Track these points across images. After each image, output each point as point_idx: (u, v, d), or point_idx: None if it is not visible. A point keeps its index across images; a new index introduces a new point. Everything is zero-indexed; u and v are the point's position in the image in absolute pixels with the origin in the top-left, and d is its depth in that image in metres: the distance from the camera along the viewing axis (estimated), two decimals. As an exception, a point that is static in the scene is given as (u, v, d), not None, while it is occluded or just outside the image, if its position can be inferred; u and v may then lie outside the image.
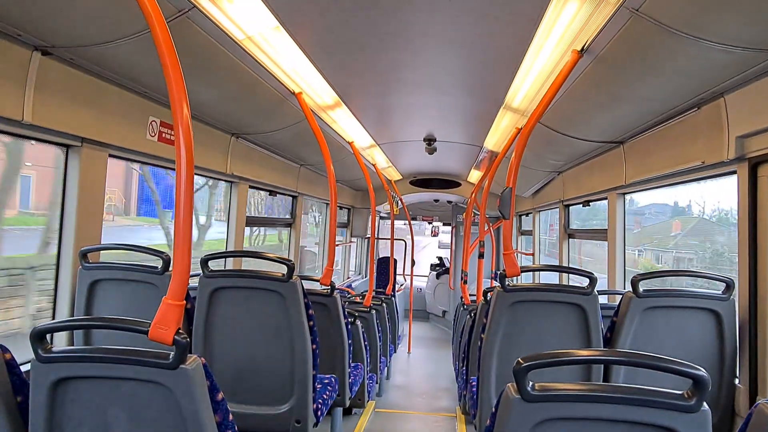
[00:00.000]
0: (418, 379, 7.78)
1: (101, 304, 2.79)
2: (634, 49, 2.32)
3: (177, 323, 1.56)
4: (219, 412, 1.61)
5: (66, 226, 2.78)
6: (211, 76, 2.99)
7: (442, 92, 4.02)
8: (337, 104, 4.12)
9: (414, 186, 9.30)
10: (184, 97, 1.67)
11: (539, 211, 7.28)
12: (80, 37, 2.30)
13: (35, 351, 1.49)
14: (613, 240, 4.32)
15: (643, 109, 3.07)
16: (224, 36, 2.54)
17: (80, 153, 2.76)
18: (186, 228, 1.66)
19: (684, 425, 1.30)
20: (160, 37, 1.65)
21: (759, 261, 2.46)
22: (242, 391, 2.77)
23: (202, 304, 2.72)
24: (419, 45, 2.96)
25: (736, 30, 1.98)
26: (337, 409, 3.92)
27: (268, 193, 5.61)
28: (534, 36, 2.60)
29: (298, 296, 2.68)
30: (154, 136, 3.22)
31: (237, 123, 4.01)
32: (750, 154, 2.50)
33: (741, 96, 2.48)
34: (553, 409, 1.34)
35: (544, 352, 1.37)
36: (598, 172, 4.54)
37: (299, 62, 3.10)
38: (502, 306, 2.72)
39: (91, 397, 1.55)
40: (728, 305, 2.67)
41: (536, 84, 3.28)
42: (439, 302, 12.15)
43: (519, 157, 2.93)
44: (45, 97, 2.42)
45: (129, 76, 2.82)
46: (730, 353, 2.66)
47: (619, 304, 2.80)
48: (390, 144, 6.18)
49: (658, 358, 1.33)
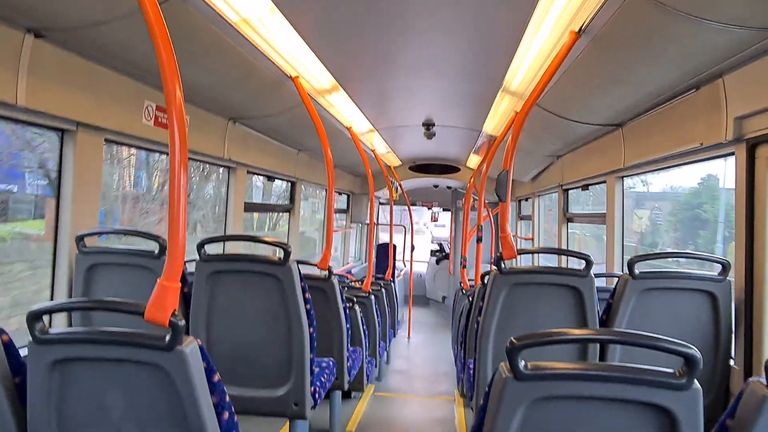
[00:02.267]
0: (418, 363, 7.85)
1: (99, 289, 2.80)
2: (632, 29, 2.30)
3: (173, 305, 1.56)
4: (216, 394, 1.62)
5: (62, 210, 2.78)
6: (206, 60, 2.96)
7: (440, 76, 3.99)
8: (335, 88, 4.10)
9: (413, 171, 9.27)
10: (177, 81, 1.65)
11: (539, 195, 7.28)
12: (73, 18, 2.27)
13: (32, 332, 1.50)
14: (612, 223, 4.32)
15: (641, 90, 3.05)
16: (219, 18, 2.51)
17: (75, 137, 2.75)
18: (180, 211, 1.66)
19: (675, 403, 1.31)
20: (152, 18, 1.63)
21: (756, 242, 2.46)
22: (240, 375, 2.79)
23: (200, 287, 2.73)
24: (417, 28, 2.93)
25: (736, 9, 1.95)
26: (335, 393, 3.96)
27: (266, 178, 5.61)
28: (531, 17, 2.57)
29: (294, 280, 2.68)
30: (150, 120, 3.21)
31: (234, 107, 3.99)
32: (748, 135, 2.48)
33: (740, 76, 2.46)
34: (546, 387, 1.35)
35: (537, 332, 1.38)
36: (596, 156, 4.53)
37: (295, 45, 3.07)
38: (499, 288, 2.73)
39: (87, 379, 1.56)
40: (724, 286, 2.68)
41: (534, 66, 3.26)
42: (439, 288, 12.20)
43: (515, 139, 2.92)
44: (39, 80, 2.40)
45: (124, 60, 2.80)
46: (726, 334, 2.68)
47: (615, 286, 2.81)
48: (389, 129, 6.16)
49: (649, 337, 1.33)
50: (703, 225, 5.05)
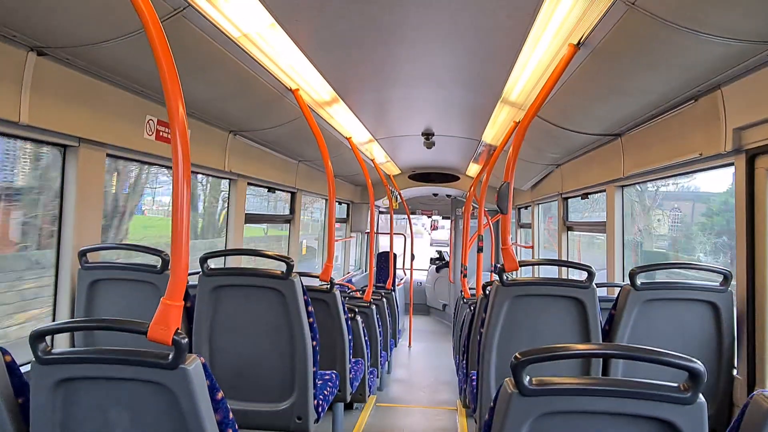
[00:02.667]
0: (419, 372, 7.81)
1: (101, 304, 2.80)
2: (630, 42, 2.32)
3: (176, 323, 1.56)
4: (219, 411, 1.62)
5: (65, 226, 2.78)
6: (207, 74, 2.98)
7: (439, 86, 4.01)
8: (335, 100, 4.12)
9: (413, 180, 9.29)
10: (179, 96, 1.66)
11: (538, 203, 7.29)
12: (75, 37, 2.29)
13: (35, 353, 1.50)
14: (612, 233, 4.32)
15: (640, 101, 3.06)
16: (220, 34, 2.53)
17: (78, 153, 2.76)
18: (184, 227, 1.67)
19: (680, 417, 1.31)
20: (154, 35, 1.64)
21: (756, 252, 2.47)
22: (243, 389, 2.78)
23: (202, 302, 2.73)
24: (416, 39, 2.95)
25: (733, 22, 1.97)
26: (338, 405, 3.94)
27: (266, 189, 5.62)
28: (531, 30, 2.59)
29: (297, 293, 2.68)
30: (152, 134, 3.22)
31: (234, 120, 4.01)
32: (747, 146, 2.50)
33: (738, 88, 2.48)
34: (551, 402, 1.35)
35: (541, 347, 1.38)
36: (596, 165, 4.54)
37: (296, 59, 3.09)
38: (501, 300, 2.73)
39: (91, 398, 1.55)
40: (726, 297, 2.68)
41: (533, 78, 3.28)
42: (440, 296, 12.17)
43: (516, 151, 2.93)
44: (41, 97, 2.42)
45: (125, 75, 2.82)
46: (728, 344, 2.68)
47: (618, 297, 2.81)
48: (388, 139, 6.18)
49: (654, 351, 1.34)
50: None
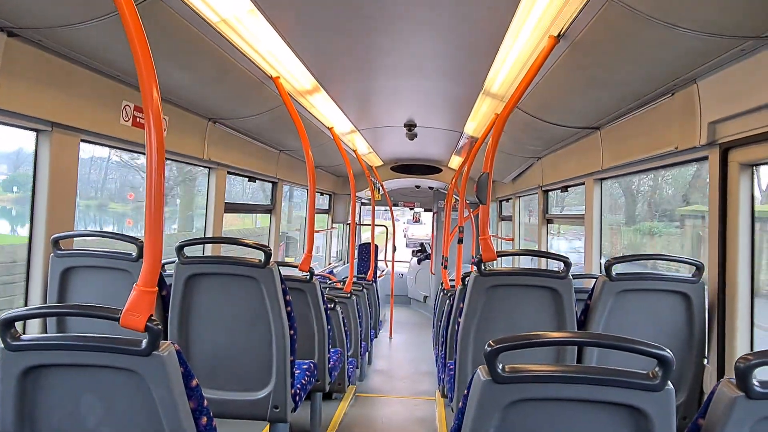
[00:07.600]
0: (400, 363, 7.86)
1: (75, 292, 2.75)
2: (609, 34, 2.34)
3: (149, 310, 1.55)
4: (193, 399, 1.61)
5: (37, 212, 2.72)
6: (185, 60, 2.93)
7: (422, 77, 4.00)
8: (316, 89, 4.08)
9: (395, 172, 9.29)
10: (153, 81, 1.64)
11: (519, 196, 7.34)
12: (47, 17, 2.23)
13: (3, 339, 1.47)
14: (590, 225, 4.38)
15: (618, 94, 3.10)
16: (198, 18, 2.48)
17: (51, 138, 2.69)
18: (157, 214, 1.64)
19: (649, 404, 1.34)
20: (128, 18, 1.61)
21: (728, 244, 2.52)
22: (220, 378, 2.76)
23: (178, 290, 2.70)
24: (398, 29, 2.94)
25: (709, 16, 2.00)
26: (316, 394, 3.95)
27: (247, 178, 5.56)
28: (511, 21, 2.60)
29: (275, 282, 2.67)
30: (129, 120, 3.16)
31: (213, 107, 3.95)
32: (721, 140, 2.54)
33: (713, 82, 2.52)
34: (523, 390, 1.37)
35: (515, 335, 1.40)
36: (575, 158, 4.59)
37: (276, 46, 3.05)
38: (479, 290, 2.75)
39: (62, 385, 1.53)
40: (698, 288, 2.74)
41: (514, 69, 3.29)
42: (421, 287, 12.24)
43: (496, 142, 2.95)
44: (12, 80, 2.35)
45: (101, 60, 2.75)
46: (699, 334, 2.74)
47: (593, 288, 2.85)
48: (370, 129, 6.16)
49: (624, 339, 1.36)
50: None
